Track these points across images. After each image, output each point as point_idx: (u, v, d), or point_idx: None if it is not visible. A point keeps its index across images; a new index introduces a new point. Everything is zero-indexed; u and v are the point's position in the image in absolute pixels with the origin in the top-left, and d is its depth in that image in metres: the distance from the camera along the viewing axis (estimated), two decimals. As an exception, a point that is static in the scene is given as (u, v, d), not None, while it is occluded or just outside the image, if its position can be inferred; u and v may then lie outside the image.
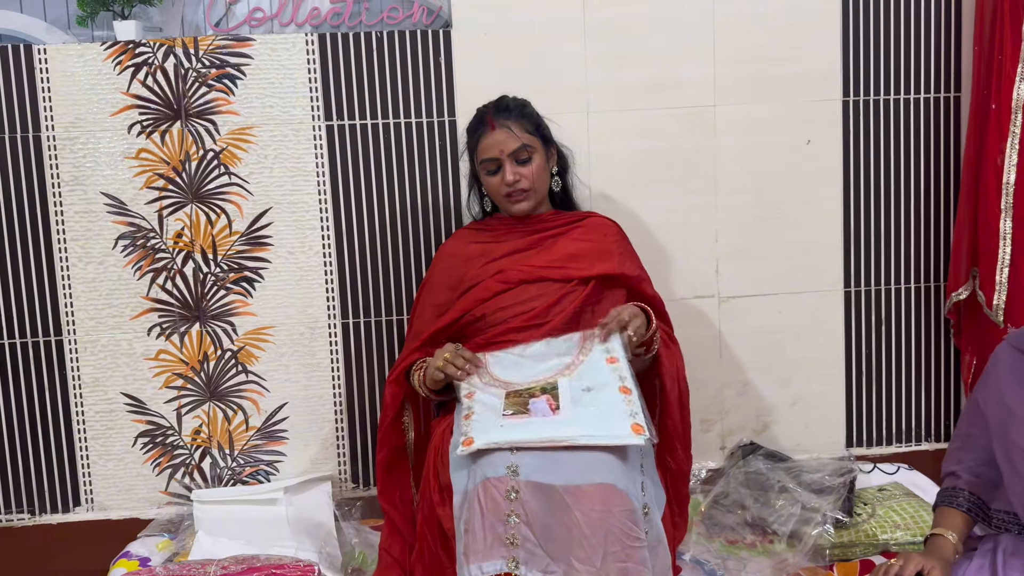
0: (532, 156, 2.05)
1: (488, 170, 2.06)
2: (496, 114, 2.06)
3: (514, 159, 2.03)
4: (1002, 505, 1.68)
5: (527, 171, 2.04)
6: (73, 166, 2.31)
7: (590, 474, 1.63)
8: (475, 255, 2.10)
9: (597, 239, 2.08)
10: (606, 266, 2.02)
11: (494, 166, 2.05)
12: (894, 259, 2.54)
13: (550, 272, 2.01)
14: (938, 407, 2.61)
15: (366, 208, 2.39)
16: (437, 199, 2.40)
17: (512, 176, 2.03)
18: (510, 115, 2.06)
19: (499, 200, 2.09)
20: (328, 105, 2.35)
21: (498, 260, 2.07)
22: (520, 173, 2.04)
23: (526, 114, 2.08)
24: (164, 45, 2.29)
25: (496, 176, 2.05)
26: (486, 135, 2.05)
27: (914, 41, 2.47)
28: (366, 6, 2.40)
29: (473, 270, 2.07)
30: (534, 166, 2.05)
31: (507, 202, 2.07)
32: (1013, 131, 2.29)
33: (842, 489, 2.24)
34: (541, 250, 2.07)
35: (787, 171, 2.47)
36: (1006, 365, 1.61)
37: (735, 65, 2.42)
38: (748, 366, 2.53)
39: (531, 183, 2.04)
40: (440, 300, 2.10)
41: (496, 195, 2.08)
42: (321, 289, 2.40)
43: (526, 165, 2.04)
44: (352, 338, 2.42)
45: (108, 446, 2.39)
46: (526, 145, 2.03)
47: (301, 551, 2.13)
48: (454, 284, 2.09)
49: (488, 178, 2.07)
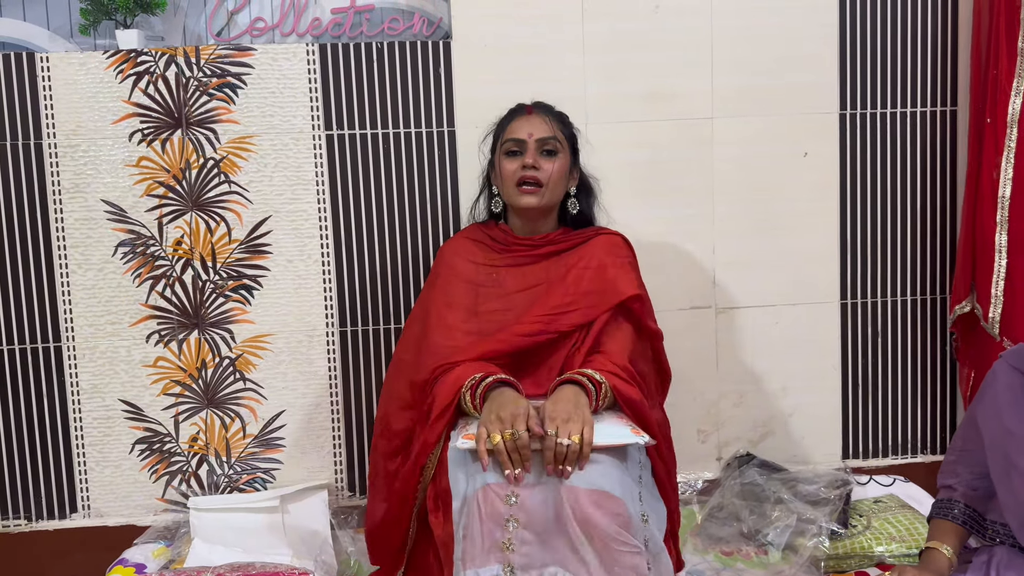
0: (557, 153, 1.99)
1: (509, 150, 1.99)
2: (535, 105, 2.06)
3: (540, 147, 1.97)
4: (997, 516, 1.68)
5: (548, 165, 1.97)
6: (74, 173, 2.32)
7: (588, 480, 1.64)
8: (484, 281, 2.00)
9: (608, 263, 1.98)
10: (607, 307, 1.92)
11: (517, 148, 1.98)
12: (891, 271, 2.55)
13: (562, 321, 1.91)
14: (934, 419, 2.61)
15: (365, 217, 2.40)
16: (436, 209, 2.41)
17: (532, 160, 1.96)
18: (551, 113, 2.05)
19: (509, 189, 1.99)
20: (328, 115, 2.36)
21: (509, 296, 1.98)
22: (540, 163, 1.96)
23: (566, 121, 2.07)
24: (166, 54, 2.30)
25: (515, 160, 1.98)
26: (520, 116, 2.02)
27: (911, 55, 2.49)
28: (367, 17, 2.42)
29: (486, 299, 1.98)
30: (556, 164, 1.98)
31: (516, 192, 1.98)
32: (1009, 145, 2.31)
33: (838, 501, 2.24)
34: (549, 286, 1.97)
35: (784, 183, 2.48)
36: (1004, 384, 1.61)
37: (733, 77, 2.43)
38: (745, 377, 2.53)
39: (547, 179, 1.97)
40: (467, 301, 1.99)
41: (508, 182, 1.99)
42: (320, 297, 2.40)
43: (549, 159, 1.97)
44: (350, 346, 2.42)
45: (105, 453, 2.39)
46: (555, 138, 1.98)
47: (297, 559, 2.13)
48: (469, 305, 1.99)
49: (506, 161, 1.99)
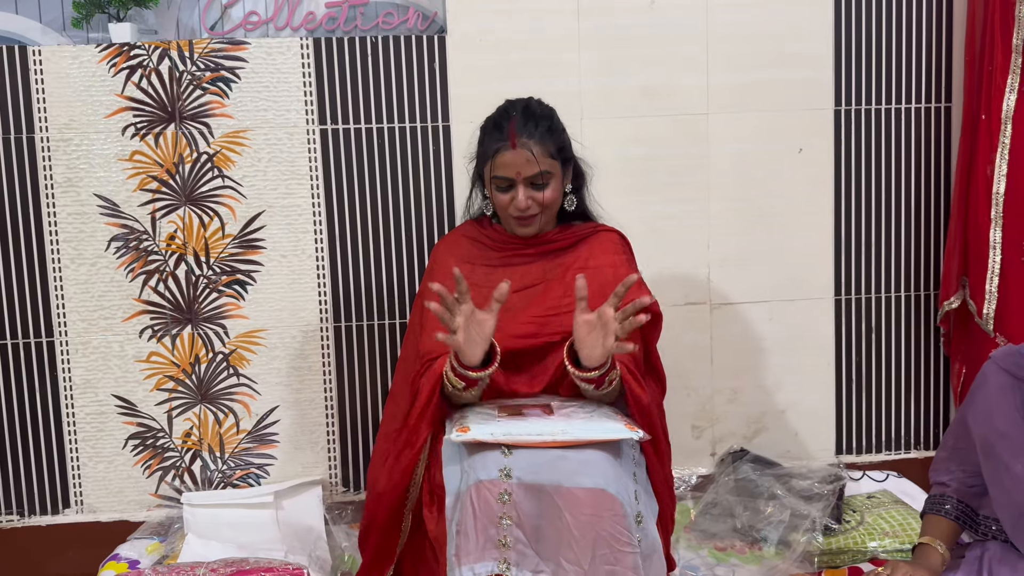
0: (549, 181, 1.89)
1: (499, 187, 1.90)
2: (520, 128, 1.87)
3: (530, 183, 1.88)
4: (990, 512, 1.69)
5: (540, 196, 1.89)
6: (66, 167, 2.31)
7: (582, 477, 1.63)
8: (479, 281, 1.94)
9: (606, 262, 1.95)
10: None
11: (506, 184, 1.89)
12: (884, 267, 2.55)
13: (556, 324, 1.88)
14: (927, 415, 2.62)
15: (359, 212, 2.39)
16: (430, 204, 2.41)
17: (525, 203, 1.88)
18: (534, 133, 1.87)
19: (505, 219, 1.96)
20: (322, 109, 2.35)
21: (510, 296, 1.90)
22: (533, 198, 1.89)
23: (552, 131, 1.91)
24: (159, 48, 2.29)
25: (507, 195, 1.90)
26: (504, 151, 1.87)
27: (906, 51, 2.49)
28: (361, 11, 2.41)
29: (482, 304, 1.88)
30: (549, 191, 1.90)
31: (514, 222, 1.94)
32: (1003, 142, 2.31)
33: (831, 496, 2.25)
34: (549, 289, 1.94)
35: (779, 179, 2.48)
36: (995, 385, 1.62)
37: (728, 73, 2.43)
38: (739, 373, 2.54)
39: (542, 207, 1.91)
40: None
41: (503, 212, 1.94)
42: (313, 293, 2.40)
43: (541, 190, 1.89)
44: (344, 342, 2.42)
45: (98, 448, 2.39)
46: (545, 171, 1.88)
47: (291, 555, 2.13)
48: None
49: (498, 194, 1.92)
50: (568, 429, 1.69)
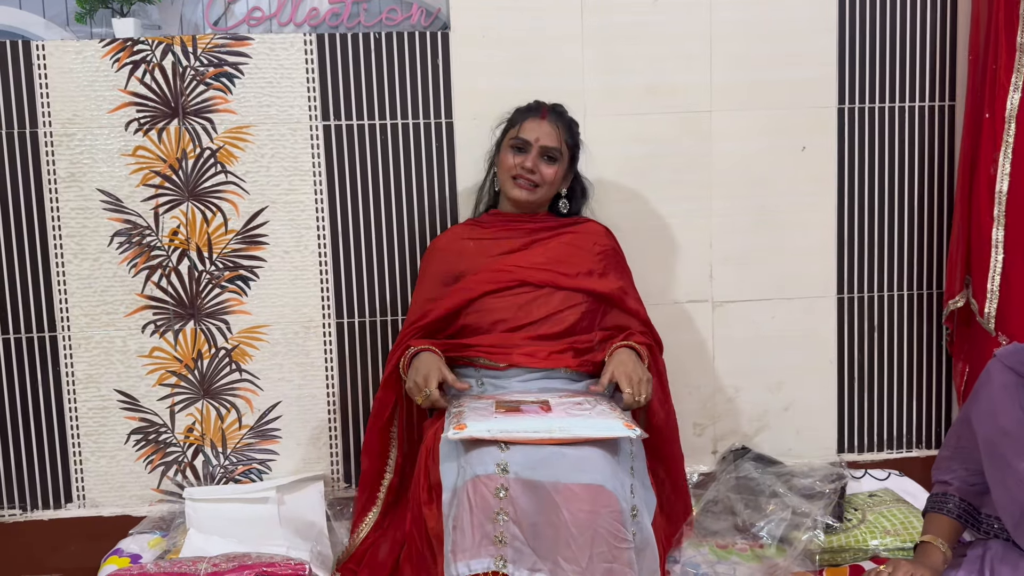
0: (558, 160, 2.15)
1: (515, 146, 2.14)
2: (551, 110, 2.19)
3: (542, 153, 2.14)
4: (992, 511, 1.69)
5: (546, 170, 2.14)
6: (70, 162, 2.31)
7: (579, 474, 1.64)
8: (469, 252, 2.16)
9: (586, 246, 2.15)
10: (588, 282, 2.09)
11: (522, 146, 2.14)
12: (887, 266, 2.55)
13: (533, 275, 2.08)
14: (929, 414, 2.62)
15: (362, 208, 2.39)
16: (433, 200, 2.41)
17: (532, 165, 2.12)
18: (562, 121, 2.18)
19: (505, 180, 2.17)
20: (325, 105, 2.35)
21: (493, 258, 2.13)
22: (539, 168, 2.14)
23: (572, 130, 2.21)
24: (162, 43, 2.29)
25: (518, 156, 2.14)
26: (535, 119, 2.16)
27: (909, 50, 2.49)
28: (365, 7, 2.41)
29: (464, 264, 2.14)
30: (554, 170, 2.15)
31: (511, 183, 2.15)
32: (1007, 140, 2.31)
33: (833, 495, 2.25)
34: (531, 251, 2.14)
35: (782, 177, 2.48)
36: (999, 383, 1.62)
37: (731, 71, 2.43)
38: (741, 371, 2.53)
39: (541, 181, 2.14)
40: (433, 295, 2.14)
41: (506, 172, 2.16)
42: (316, 288, 2.40)
43: (549, 165, 2.15)
44: (347, 338, 2.42)
45: (101, 443, 2.39)
46: (559, 149, 2.15)
47: (293, 550, 2.13)
48: (447, 279, 2.14)
49: (509, 153, 2.15)
50: (566, 426, 1.69)
